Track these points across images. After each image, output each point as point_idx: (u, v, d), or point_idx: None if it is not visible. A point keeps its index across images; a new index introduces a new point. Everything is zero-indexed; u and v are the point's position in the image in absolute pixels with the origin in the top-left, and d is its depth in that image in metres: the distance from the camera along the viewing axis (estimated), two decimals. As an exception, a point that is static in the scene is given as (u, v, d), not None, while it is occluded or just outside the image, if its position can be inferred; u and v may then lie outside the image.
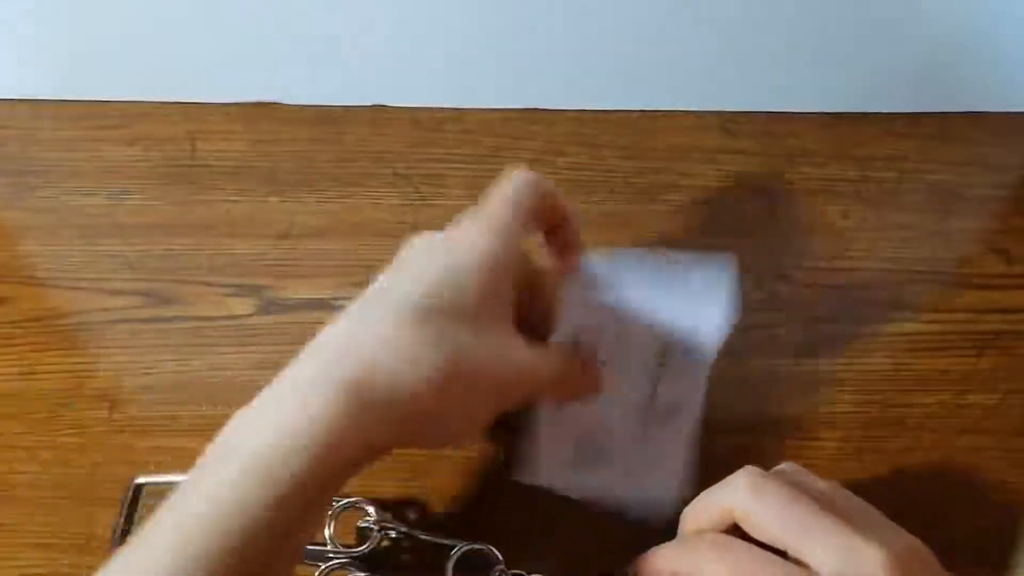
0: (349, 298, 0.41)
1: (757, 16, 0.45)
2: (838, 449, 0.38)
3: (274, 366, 0.39)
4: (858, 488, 0.35)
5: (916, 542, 0.29)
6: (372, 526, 0.34)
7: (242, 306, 0.41)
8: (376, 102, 0.49)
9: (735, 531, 0.29)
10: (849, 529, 0.27)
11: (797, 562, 0.27)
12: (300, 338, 0.40)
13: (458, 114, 0.49)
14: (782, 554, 0.28)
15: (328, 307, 0.41)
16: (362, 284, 0.42)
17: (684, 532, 0.31)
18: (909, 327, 0.42)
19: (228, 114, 0.49)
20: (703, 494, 0.31)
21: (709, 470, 0.35)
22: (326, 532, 0.34)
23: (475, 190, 0.46)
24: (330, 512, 0.34)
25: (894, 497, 0.36)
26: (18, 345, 0.40)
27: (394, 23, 0.45)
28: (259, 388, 0.38)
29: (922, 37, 0.47)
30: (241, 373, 0.39)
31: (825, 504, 0.28)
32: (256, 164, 0.47)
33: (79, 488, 0.36)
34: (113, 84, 0.48)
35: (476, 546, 0.34)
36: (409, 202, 0.45)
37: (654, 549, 0.31)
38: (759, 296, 0.42)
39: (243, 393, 0.38)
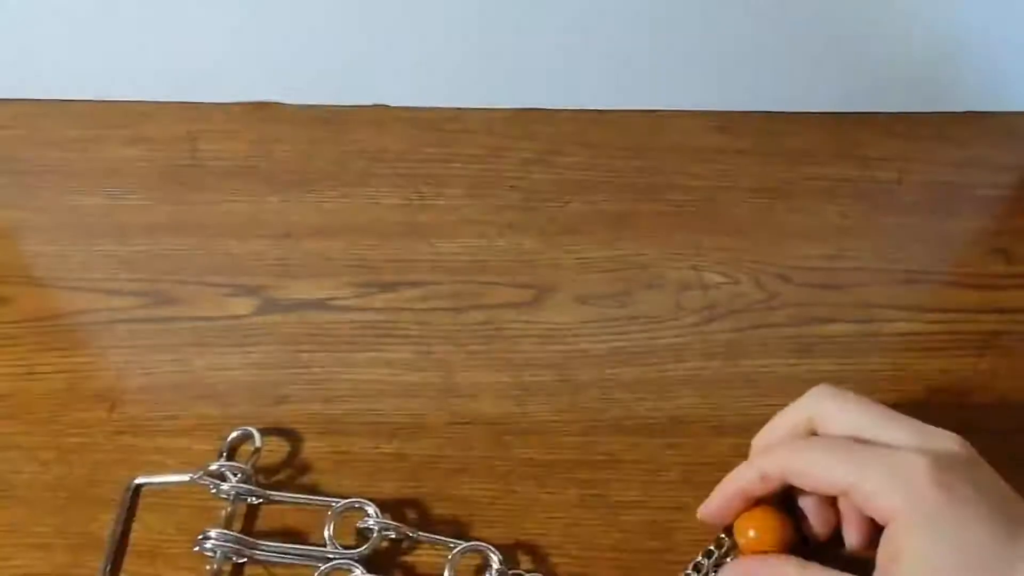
0: (348, 298, 0.42)
1: (757, 16, 0.45)
2: (838, 449, 0.38)
3: (273, 366, 0.39)
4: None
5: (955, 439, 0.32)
6: (372, 526, 0.34)
7: (242, 306, 0.41)
8: (376, 102, 0.49)
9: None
10: (888, 449, 0.30)
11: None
12: (299, 338, 0.40)
13: (458, 114, 0.49)
14: None
15: (327, 307, 0.41)
16: (361, 284, 0.43)
17: (755, 452, 0.34)
18: (909, 327, 0.42)
19: (228, 114, 0.49)
20: (774, 417, 0.34)
21: (709, 471, 0.35)
22: (326, 533, 0.34)
23: (475, 190, 0.46)
24: (330, 513, 0.34)
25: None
26: (18, 345, 0.40)
27: (394, 23, 0.45)
28: (258, 388, 0.39)
29: (922, 37, 0.47)
30: (241, 373, 0.39)
31: None
32: (256, 164, 0.47)
33: (79, 488, 0.36)
34: (113, 84, 0.48)
35: (476, 546, 0.34)
36: (409, 202, 0.45)
37: (723, 479, 0.33)
38: (759, 296, 0.42)
39: (242, 393, 0.38)
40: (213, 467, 0.35)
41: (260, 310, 0.41)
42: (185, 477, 0.35)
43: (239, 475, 0.35)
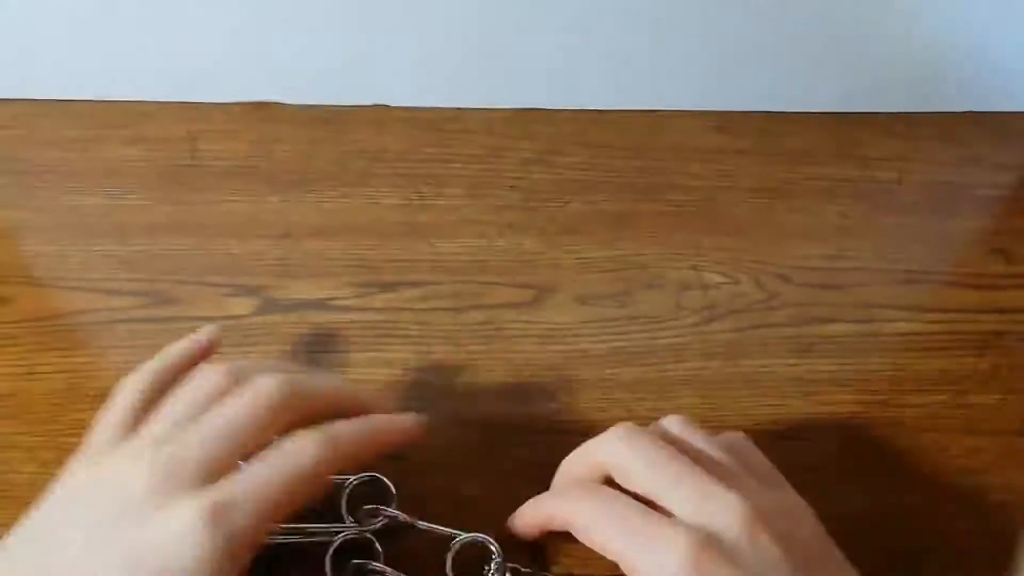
0: (348, 298, 0.42)
1: (757, 16, 0.45)
2: (838, 449, 0.38)
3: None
4: (857, 489, 0.35)
5: (791, 500, 0.31)
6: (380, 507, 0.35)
7: (242, 306, 0.41)
8: (376, 102, 0.49)
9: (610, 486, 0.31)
10: (712, 480, 0.29)
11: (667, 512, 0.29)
12: (300, 338, 0.40)
13: (458, 114, 0.49)
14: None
15: (327, 307, 0.41)
16: (361, 284, 0.43)
17: (557, 484, 0.33)
18: (909, 327, 0.42)
19: (228, 114, 0.49)
20: (578, 449, 0.33)
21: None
22: (343, 507, 0.34)
23: (475, 190, 0.46)
24: (345, 487, 0.34)
25: (893, 498, 0.36)
26: (18, 345, 0.40)
27: (394, 23, 0.45)
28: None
29: (922, 37, 0.47)
30: (241, 373, 0.39)
31: (698, 458, 0.30)
32: (256, 164, 0.47)
33: (79, 488, 0.36)
34: (113, 84, 0.48)
35: (476, 537, 0.34)
36: (409, 202, 0.45)
37: (529, 501, 0.33)
38: (759, 296, 0.42)
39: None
40: None
41: (260, 310, 0.41)
42: None
43: None
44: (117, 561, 0.27)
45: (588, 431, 0.38)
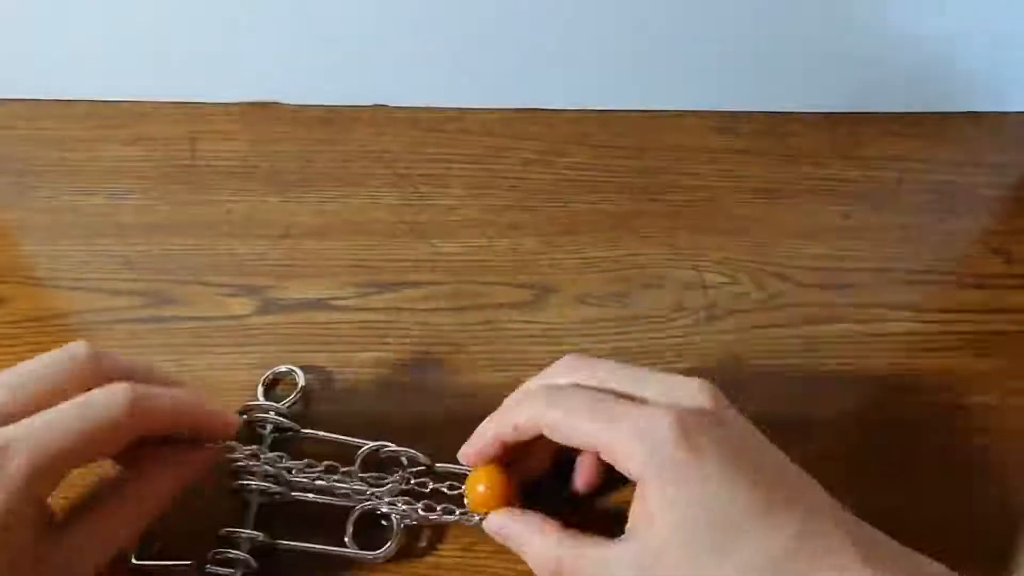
0: (348, 298, 0.42)
1: (757, 16, 0.45)
2: (838, 449, 0.38)
3: (273, 366, 0.39)
4: (856, 489, 0.35)
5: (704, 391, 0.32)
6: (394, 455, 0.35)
7: (242, 306, 0.41)
8: (376, 102, 0.49)
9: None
10: (638, 406, 0.30)
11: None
12: (300, 338, 0.40)
13: (458, 114, 0.49)
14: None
15: (328, 307, 0.41)
16: (362, 284, 0.43)
17: (482, 439, 0.34)
18: (909, 327, 0.42)
19: (228, 114, 0.49)
20: (498, 413, 0.33)
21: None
22: (356, 465, 0.35)
23: (475, 190, 0.46)
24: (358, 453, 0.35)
25: (893, 498, 0.36)
26: (17, 345, 0.40)
27: (394, 23, 0.45)
28: (258, 388, 0.39)
29: (922, 37, 0.47)
30: (241, 373, 0.39)
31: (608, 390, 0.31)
32: (256, 164, 0.47)
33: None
34: (113, 84, 0.48)
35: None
36: (409, 202, 0.45)
37: (480, 425, 0.34)
38: (759, 296, 0.42)
39: (242, 393, 0.38)
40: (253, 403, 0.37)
41: (260, 310, 0.41)
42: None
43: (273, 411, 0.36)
44: None
45: (588, 431, 0.38)
